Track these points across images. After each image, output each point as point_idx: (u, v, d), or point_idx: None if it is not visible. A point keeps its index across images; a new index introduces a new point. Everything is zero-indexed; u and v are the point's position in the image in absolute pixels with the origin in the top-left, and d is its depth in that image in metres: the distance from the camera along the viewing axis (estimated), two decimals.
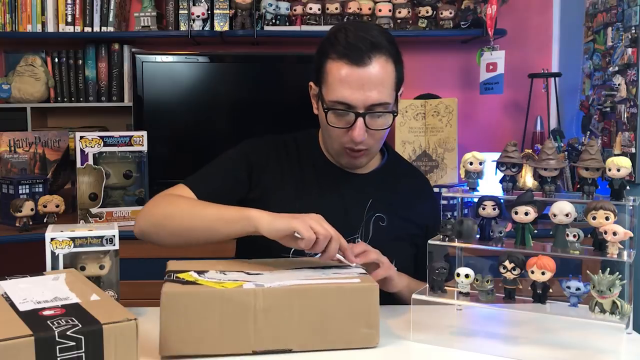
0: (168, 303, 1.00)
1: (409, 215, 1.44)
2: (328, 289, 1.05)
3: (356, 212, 1.40)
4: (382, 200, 1.42)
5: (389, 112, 1.32)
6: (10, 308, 0.87)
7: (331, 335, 1.04)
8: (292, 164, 1.44)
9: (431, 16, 2.65)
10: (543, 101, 2.68)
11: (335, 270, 1.15)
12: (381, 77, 1.28)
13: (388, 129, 1.36)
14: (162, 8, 2.73)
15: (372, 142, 1.35)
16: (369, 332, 1.05)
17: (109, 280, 1.16)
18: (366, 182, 1.44)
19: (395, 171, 1.49)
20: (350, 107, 1.29)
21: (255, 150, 1.45)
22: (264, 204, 1.29)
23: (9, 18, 2.66)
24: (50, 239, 1.12)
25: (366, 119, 1.30)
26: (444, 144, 2.51)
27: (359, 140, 1.31)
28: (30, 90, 2.69)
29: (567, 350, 1.08)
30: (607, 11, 2.37)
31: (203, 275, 1.10)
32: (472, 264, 1.12)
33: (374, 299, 1.06)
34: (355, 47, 1.27)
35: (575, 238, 1.03)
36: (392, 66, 1.31)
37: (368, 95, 1.27)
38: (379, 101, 1.29)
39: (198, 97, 2.51)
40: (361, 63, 1.27)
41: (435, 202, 1.53)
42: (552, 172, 1.11)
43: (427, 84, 2.81)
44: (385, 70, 1.29)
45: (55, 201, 2.20)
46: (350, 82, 1.28)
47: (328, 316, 1.04)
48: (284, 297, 1.03)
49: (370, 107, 1.29)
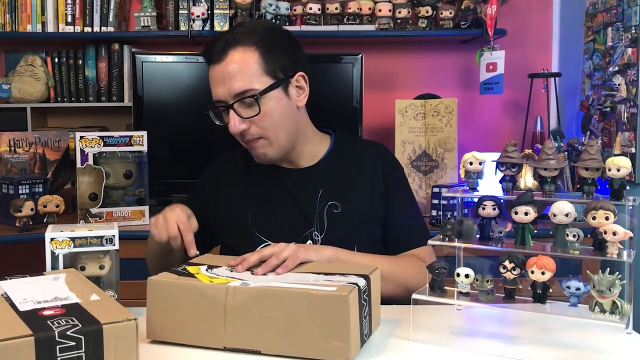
0: (151, 290, 1.08)
1: (366, 195, 1.43)
2: (294, 294, 1.01)
3: (308, 205, 1.41)
4: (334, 187, 1.42)
5: (251, 97, 1.32)
6: (10, 308, 0.87)
7: (299, 343, 1.00)
8: (240, 174, 1.50)
9: (431, 16, 2.65)
10: (543, 101, 2.68)
11: (330, 278, 1.08)
12: (239, 67, 1.32)
13: (275, 115, 1.35)
14: (162, 8, 2.73)
15: (261, 130, 1.36)
16: (339, 345, 0.98)
17: (109, 280, 1.16)
18: (314, 173, 1.45)
19: (344, 154, 1.48)
20: (222, 102, 1.35)
21: (207, 179, 1.56)
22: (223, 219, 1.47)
23: (9, 18, 2.66)
24: (50, 239, 1.12)
25: (238, 109, 1.33)
26: (444, 144, 2.51)
27: (234, 132, 1.35)
28: (30, 90, 2.69)
29: (567, 350, 1.08)
30: (607, 11, 2.37)
31: (210, 271, 1.13)
32: (472, 264, 1.11)
33: (344, 310, 0.98)
34: (212, 48, 1.36)
35: (575, 238, 1.03)
36: (256, 54, 1.34)
37: (229, 86, 1.32)
38: (241, 89, 1.32)
39: (198, 97, 2.51)
40: (219, 60, 1.34)
41: (394, 169, 1.49)
42: (552, 172, 1.11)
43: (427, 84, 2.81)
44: (243, 60, 1.33)
45: (55, 201, 2.20)
46: (214, 79, 1.36)
47: (295, 322, 1.00)
48: (252, 298, 1.02)
49: (237, 96, 1.33)
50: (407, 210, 1.48)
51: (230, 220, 1.45)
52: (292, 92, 1.38)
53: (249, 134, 1.36)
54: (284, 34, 1.43)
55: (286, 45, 1.39)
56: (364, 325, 1.04)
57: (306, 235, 1.38)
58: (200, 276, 1.09)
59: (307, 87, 1.41)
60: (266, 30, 1.39)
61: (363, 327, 1.04)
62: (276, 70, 1.35)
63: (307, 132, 1.45)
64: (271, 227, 1.40)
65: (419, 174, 2.54)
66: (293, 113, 1.39)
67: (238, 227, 1.43)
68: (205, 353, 1.04)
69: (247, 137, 1.37)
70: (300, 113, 1.42)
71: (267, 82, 1.34)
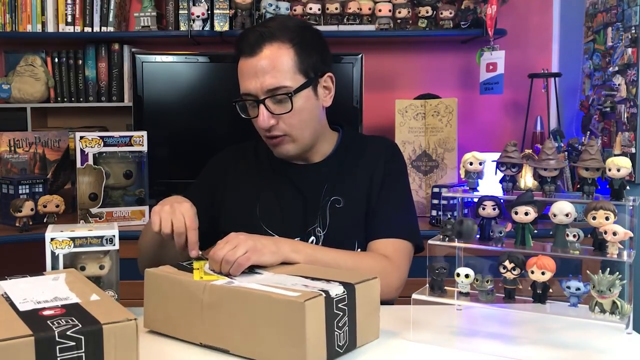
0: (146, 280, 1.13)
1: (367, 188, 1.43)
2: (256, 296, 0.99)
3: (313, 200, 1.41)
4: (338, 182, 1.43)
5: (285, 94, 1.32)
6: (10, 308, 0.87)
7: (260, 346, 0.99)
8: (249, 168, 1.50)
9: (431, 16, 2.65)
10: (543, 101, 2.68)
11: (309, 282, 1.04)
12: (273, 62, 1.32)
13: (306, 114, 1.36)
14: (162, 8, 2.73)
15: (287, 128, 1.36)
16: (295, 351, 0.94)
17: (109, 280, 1.16)
18: (321, 169, 1.45)
19: (350, 150, 1.48)
20: (251, 96, 1.34)
21: (213, 170, 1.54)
22: (228, 210, 1.46)
23: (9, 18, 2.66)
24: (50, 239, 1.12)
25: (268, 105, 1.33)
26: (444, 144, 2.51)
27: (263, 127, 1.34)
28: (30, 90, 2.69)
29: (567, 350, 1.08)
30: (607, 11, 2.37)
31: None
32: (472, 264, 1.11)
33: (299, 316, 0.94)
34: (246, 40, 1.34)
35: (575, 238, 1.03)
36: (291, 51, 1.33)
37: (262, 81, 1.31)
38: (274, 85, 1.32)
39: (198, 97, 2.51)
40: (252, 53, 1.33)
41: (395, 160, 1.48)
42: (552, 172, 1.11)
43: (427, 84, 2.81)
44: (278, 56, 1.32)
45: (55, 201, 2.20)
46: (246, 73, 1.34)
47: (256, 325, 0.99)
48: (223, 297, 1.03)
49: (269, 92, 1.32)
50: (393, 199, 1.43)
51: (237, 212, 1.45)
52: (320, 91, 1.39)
53: (276, 129, 1.35)
54: (316, 33, 1.43)
55: (318, 45, 1.40)
56: (337, 336, 0.99)
57: (310, 231, 1.39)
58: (196, 272, 1.12)
59: (333, 88, 1.43)
60: (300, 27, 1.39)
61: (335, 337, 0.99)
62: (308, 69, 1.35)
63: (325, 130, 1.47)
64: (277, 221, 1.40)
65: (419, 174, 2.54)
66: (319, 113, 1.40)
67: (245, 219, 1.42)
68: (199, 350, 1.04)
69: (274, 133, 1.36)
70: (322, 112, 1.43)
71: (300, 81, 1.34)
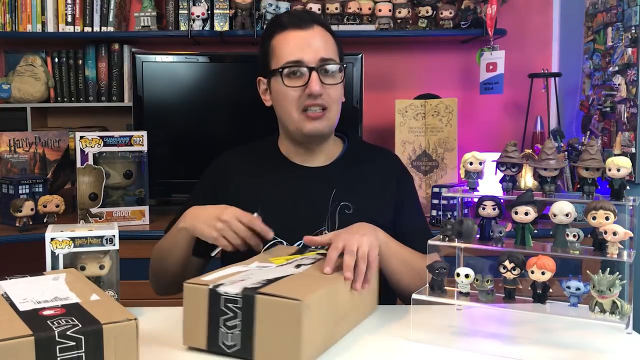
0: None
1: (378, 198, 1.44)
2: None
3: (321, 204, 1.41)
4: (347, 188, 1.43)
5: (338, 64, 1.40)
6: (10, 308, 0.87)
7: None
8: (251, 171, 1.49)
9: (431, 16, 2.65)
10: (543, 101, 2.68)
11: None
12: (325, 39, 1.40)
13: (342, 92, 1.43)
14: (162, 8, 2.73)
15: (330, 101, 1.39)
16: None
17: (109, 280, 1.16)
18: (329, 172, 1.46)
19: (359, 157, 1.50)
20: (302, 64, 1.37)
21: (213, 175, 1.53)
22: None
23: (9, 18, 2.66)
24: (50, 239, 1.12)
25: (320, 74, 1.37)
26: (444, 144, 2.51)
27: (317, 91, 1.35)
28: (30, 90, 2.69)
29: (567, 350, 1.08)
30: (607, 11, 2.37)
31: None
32: (472, 264, 1.11)
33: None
34: (298, 16, 1.43)
35: (575, 238, 1.03)
36: (332, 38, 1.44)
37: (316, 50, 1.37)
38: (327, 56, 1.38)
39: (198, 97, 2.51)
40: (306, 26, 1.39)
41: (406, 178, 1.54)
42: (552, 172, 1.11)
43: (427, 84, 2.81)
44: (327, 36, 1.42)
45: (55, 201, 2.20)
46: (298, 42, 1.38)
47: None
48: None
49: (322, 60, 1.37)
50: (418, 219, 1.51)
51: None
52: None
53: (322, 99, 1.38)
54: None
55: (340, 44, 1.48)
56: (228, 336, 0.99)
57: (317, 234, 1.38)
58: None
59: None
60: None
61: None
62: (342, 58, 1.44)
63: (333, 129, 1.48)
64: (282, 222, 1.39)
65: (419, 174, 2.54)
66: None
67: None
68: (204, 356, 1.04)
69: (318, 102, 1.38)
70: None
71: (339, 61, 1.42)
